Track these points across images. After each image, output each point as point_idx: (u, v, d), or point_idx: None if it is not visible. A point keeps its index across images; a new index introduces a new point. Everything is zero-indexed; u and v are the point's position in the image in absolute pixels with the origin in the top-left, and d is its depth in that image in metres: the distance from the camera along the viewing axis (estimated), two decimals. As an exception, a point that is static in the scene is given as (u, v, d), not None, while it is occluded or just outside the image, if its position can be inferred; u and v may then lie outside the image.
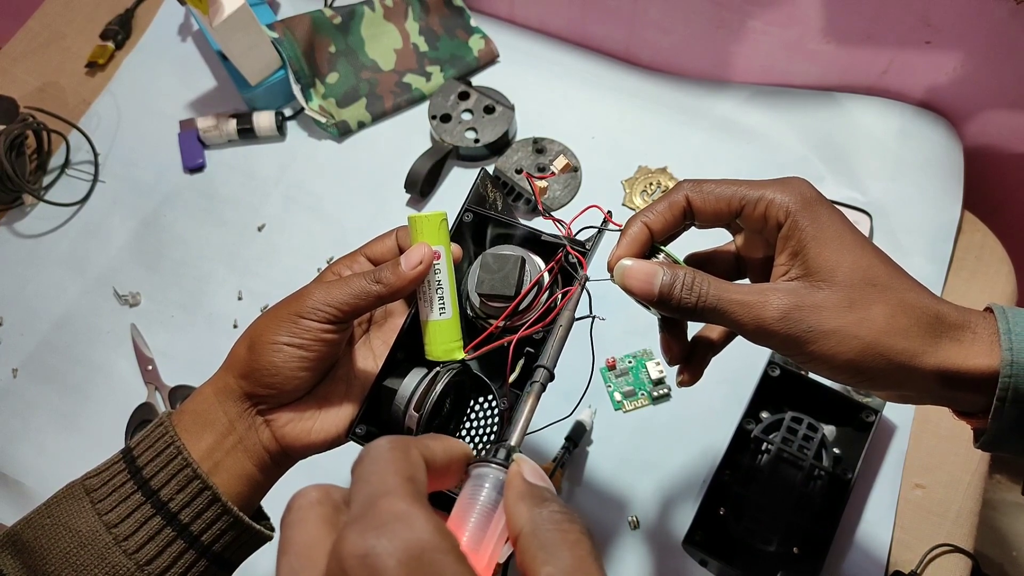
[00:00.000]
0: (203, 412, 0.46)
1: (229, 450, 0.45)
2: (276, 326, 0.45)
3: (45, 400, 0.79)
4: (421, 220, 0.46)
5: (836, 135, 0.84)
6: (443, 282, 0.47)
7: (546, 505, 0.30)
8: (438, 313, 0.47)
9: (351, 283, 0.45)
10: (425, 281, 0.46)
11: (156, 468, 0.43)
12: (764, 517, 0.63)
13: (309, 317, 0.44)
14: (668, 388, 0.73)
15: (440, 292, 0.47)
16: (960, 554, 0.66)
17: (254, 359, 0.45)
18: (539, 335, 0.46)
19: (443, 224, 0.46)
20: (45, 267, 0.87)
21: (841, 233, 0.41)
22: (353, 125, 0.91)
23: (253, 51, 0.87)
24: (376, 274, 0.45)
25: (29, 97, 0.96)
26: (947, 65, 0.79)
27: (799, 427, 0.67)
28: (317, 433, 0.47)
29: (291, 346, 0.44)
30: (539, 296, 0.47)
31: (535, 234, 0.49)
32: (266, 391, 0.46)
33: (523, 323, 0.46)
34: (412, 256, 0.45)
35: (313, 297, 0.45)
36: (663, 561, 0.67)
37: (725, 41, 0.86)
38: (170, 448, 0.44)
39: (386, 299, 0.45)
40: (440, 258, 0.46)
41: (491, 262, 0.47)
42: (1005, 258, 0.78)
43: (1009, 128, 0.82)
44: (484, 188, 0.52)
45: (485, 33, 0.95)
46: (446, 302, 0.46)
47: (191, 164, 0.90)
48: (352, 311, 0.45)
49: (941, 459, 0.69)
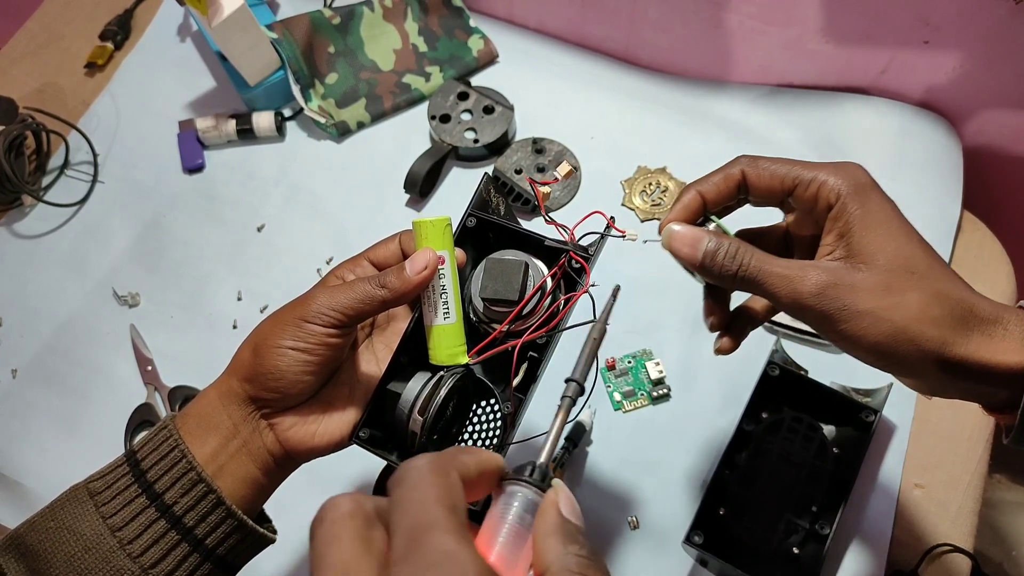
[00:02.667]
0: (207, 416, 0.46)
1: (233, 454, 0.46)
2: (280, 330, 0.45)
3: (45, 401, 0.79)
4: (426, 225, 0.46)
5: (835, 135, 0.84)
6: (447, 287, 0.47)
7: (575, 545, 0.29)
8: (442, 318, 0.47)
9: (356, 287, 0.45)
10: (429, 286, 0.46)
11: (160, 471, 0.43)
12: (764, 517, 0.63)
13: (314, 321, 0.45)
14: (668, 388, 0.73)
15: (444, 297, 0.47)
16: (960, 553, 0.66)
17: (258, 363, 0.45)
18: (542, 340, 0.47)
19: (447, 229, 0.47)
20: (44, 268, 0.87)
21: (888, 220, 0.42)
22: (352, 125, 0.91)
23: (252, 51, 0.87)
24: (381, 279, 0.45)
25: (28, 98, 0.96)
26: (946, 65, 0.79)
27: (799, 427, 0.67)
28: (321, 437, 0.47)
29: (295, 350, 0.45)
30: (542, 301, 0.48)
31: (538, 239, 0.49)
32: (270, 395, 0.46)
33: (526, 328, 0.47)
34: (417, 261, 0.45)
35: (317, 301, 0.45)
36: (663, 561, 0.67)
37: (724, 41, 0.86)
38: (174, 451, 0.44)
39: (391, 304, 0.45)
40: (444, 263, 0.46)
41: (494, 267, 0.47)
42: (1004, 258, 0.78)
43: (1008, 128, 0.82)
44: (487, 193, 0.52)
45: (484, 33, 0.95)
46: (450, 307, 0.47)
47: (190, 165, 0.90)
48: (357, 315, 0.45)
49: (940, 459, 0.70)
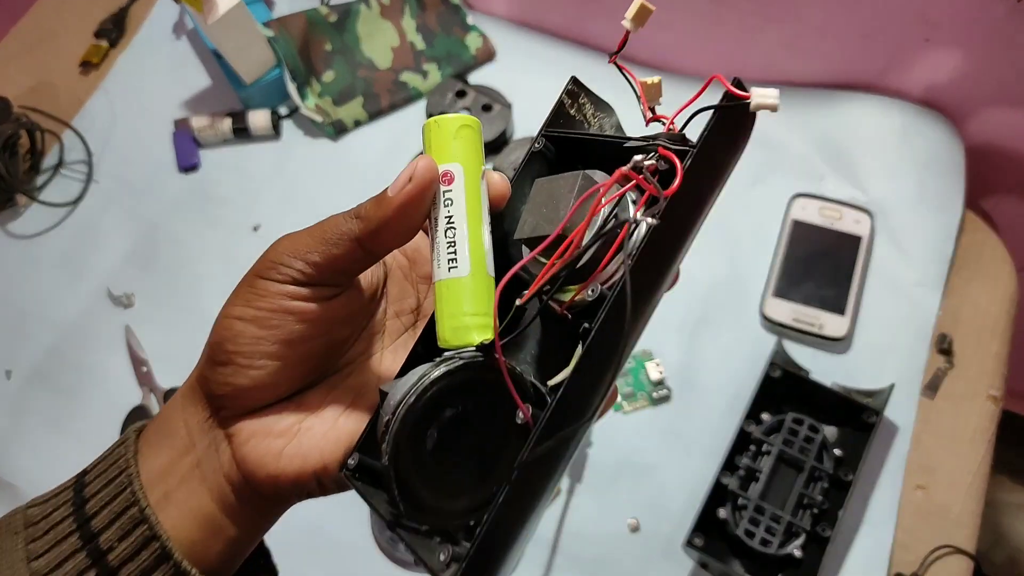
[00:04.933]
0: (167, 419, 0.35)
1: (184, 475, 0.33)
2: (233, 295, 0.33)
3: (39, 402, 0.79)
4: (432, 127, 0.32)
5: (836, 134, 0.83)
6: (456, 219, 0.31)
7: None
8: (447, 268, 0.31)
9: (323, 224, 0.33)
10: (431, 218, 0.32)
11: (102, 502, 0.33)
12: (765, 519, 0.63)
13: (268, 276, 0.32)
14: (668, 389, 0.73)
15: (451, 234, 0.31)
16: (962, 555, 0.65)
17: (208, 343, 0.34)
18: (592, 294, 0.29)
19: (463, 132, 0.32)
20: (39, 268, 0.86)
21: None
22: (349, 124, 0.90)
23: (248, 49, 0.86)
24: (356, 208, 0.32)
25: (23, 96, 0.95)
26: (947, 63, 0.79)
27: (800, 428, 0.66)
28: (290, 459, 0.33)
29: (243, 320, 0.32)
30: (605, 235, 0.29)
31: (618, 142, 0.32)
32: (220, 387, 0.33)
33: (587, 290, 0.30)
34: (402, 174, 0.31)
35: (275, 248, 0.33)
36: (663, 563, 0.66)
37: (724, 39, 0.85)
38: (121, 476, 0.33)
39: (368, 242, 0.31)
40: (453, 181, 0.31)
41: (539, 193, 0.32)
42: (1007, 257, 0.78)
43: (1010, 126, 0.81)
44: (570, 101, 0.37)
45: (482, 31, 0.94)
46: (460, 251, 0.31)
47: (186, 163, 0.90)
48: (326, 263, 0.32)
49: (942, 460, 0.69)
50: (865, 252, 0.77)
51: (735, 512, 0.64)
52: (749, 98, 0.29)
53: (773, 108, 0.29)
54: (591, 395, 0.29)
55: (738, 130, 0.31)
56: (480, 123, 0.33)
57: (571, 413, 0.28)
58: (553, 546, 0.68)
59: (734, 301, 0.77)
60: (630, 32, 0.31)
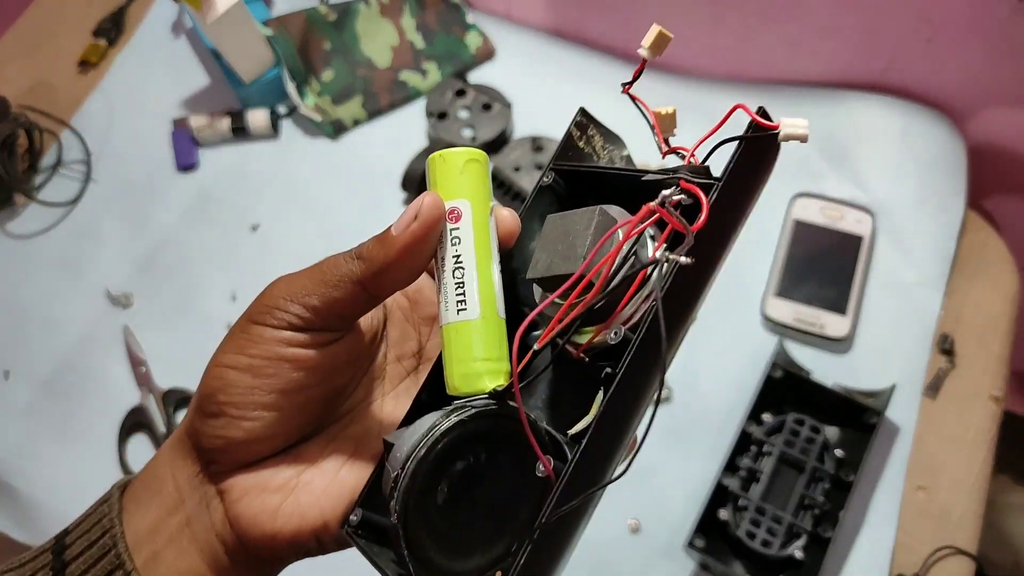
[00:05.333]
0: (153, 474, 0.32)
1: (174, 535, 0.31)
2: (226, 341, 0.31)
3: (37, 403, 0.78)
4: (436, 162, 0.30)
5: (838, 133, 0.83)
6: (464, 258, 0.29)
7: None
8: (455, 311, 0.29)
9: (322, 265, 0.30)
10: (437, 257, 0.30)
11: (83, 566, 0.30)
12: (766, 520, 0.63)
13: (263, 322, 0.30)
14: (669, 390, 0.73)
15: (460, 275, 0.29)
16: (963, 556, 0.65)
17: (198, 393, 0.31)
18: (614, 338, 0.27)
19: (470, 166, 0.30)
20: (37, 268, 0.86)
21: None
22: (349, 123, 0.90)
23: (247, 48, 0.86)
24: (359, 247, 0.30)
25: (21, 96, 0.95)
26: (949, 62, 0.79)
27: (801, 429, 0.66)
28: (287, 517, 0.30)
29: (236, 368, 0.30)
30: (628, 272, 0.28)
31: (636, 176, 0.30)
32: (211, 441, 0.30)
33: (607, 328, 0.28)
34: (406, 213, 0.29)
35: (271, 291, 0.30)
36: (665, 565, 0.66)
37: (725, 38, 0.85)
38: (105, 537, 0.31)
39: (373, 285, 0.30)
40: (460, 218, 0.29)
41: (553, 229, 0.30)
42: (1008, 257, 0.77)
43: (1012, 126, 0.81)
44: (578, 133, 0.35)
45: (482, 30, 0.94)
46: (469, 292, 0.29)
47: (184, 163, 0.89)
48: (326, 307, 0.30)
49: (944, 461, 0.69)
50: (867, 252, 0.76)
51: (736, 513, 0.64)
52: (778, 128, 0.27)
53: (803, 139, 0.27)
54: (616, 444, 0.27)
55: (763, 161, 0.29)
56: (487, 156, 0.31)
57: (595, 465, 0.27)
58: (553, 547, 0.68)
59: (735, 301, 0.77)
60: (647, 60, 0.30)
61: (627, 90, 0.30)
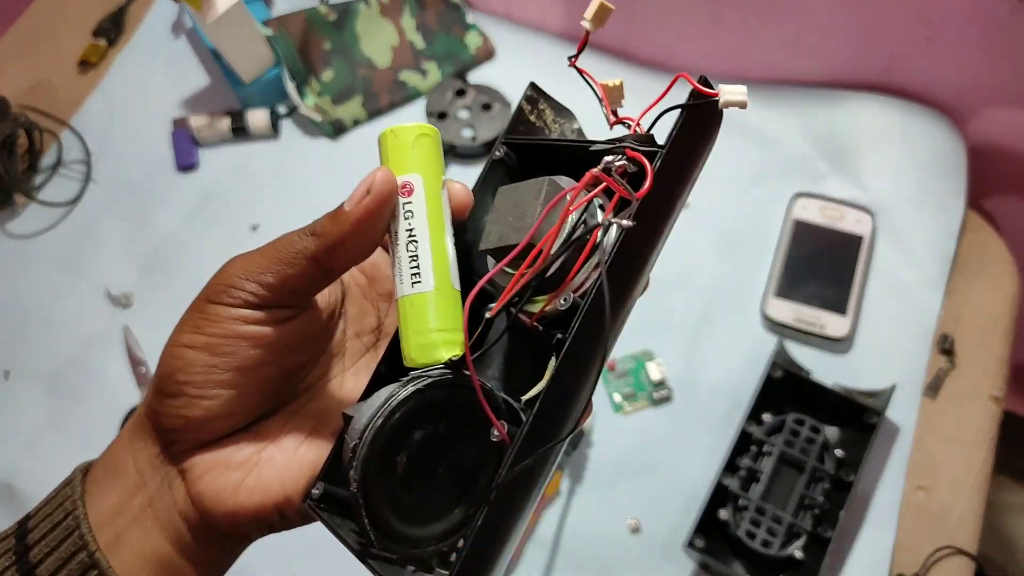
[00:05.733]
0: (113, 457, 0.32)
1: (136, 516, 0.31)
2: (183, 321, 0.31)
3: (37, 402, 0.78)
4: (388, 137, 0.31)
5: (837, 133, 0.83)
6: (417, 231, 0.30)
7: None
8: (410, 284, 0.30)
9: (277, 243, 0.31)
10: (391, 231, 0.30)
11: (47, 548, 0.30)
12: (766, 520, 0.63)
13: (219, 300, 0.30)
14: (669, 390, 0.73)
15: (413, 248, 0.30)
16: (963, 556, 0.65)
17: (156, 374, 0.31)
18: (564, 303, 0.28)
19: (421, 140, 0.30)
20: (37, 268, 0.86)
21: None
22: (348, 123, 0.90)
23: (247, 48, 0.86)
24: (312, 224, 0.30)
25: (21, 96, 0.95)
26: (949, 62, 0.79)
27: (801, 429, 0.66)
28: (250, 492, 0.31)
29: (193, 348, 0.30)
30: (575, 243, 0.28)
31: (584, 146, 0.31)
32: (171, 420, 0.31)
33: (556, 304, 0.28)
34: (359, 188, 0.30)
35: (226, 270, 0.31)
36: (664, 565, 0.66)
37: (724, 37, 0.85)
38: (68, 519, 0.31)
39: (326, 260, 0.30)
40: (413, 192, 0.30)
41: (504, 201, 0.30)
42: (1008, 257, 0.77)
43: (1011, 126, 0.81)
44: (529, 107, 0.36)
45: (482, 30, 0.94)
46: (423, 265, 0.29)
47: (184, 163, 0.89)
48: (281, 284, 0.30)
49: (944, 461, 0.69)
50: (866, 252, 0.76)
51: (736, 513, 0.64)
52: (717, 95, 0.28)
53: (742, 105, 0.28)
54: (569, 408, 0.28)
55: (706, 128, 0.30)
56: (439, 131, 0.31)
57: (548, 428, 0.27)
58: (553, 547, 0.68)
59: (735, 301, 0.77)
60: (590, 32, 0.31)
61: (573, 63, 0.32)
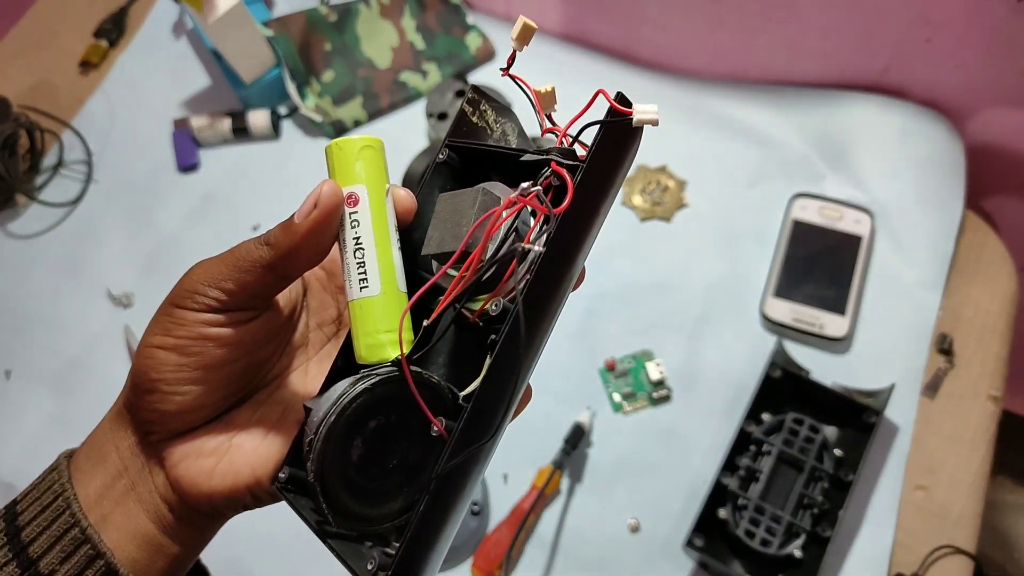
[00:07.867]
0: (95, 445, 0.35)
1: (119, 498, 0.34)
2: (153, 324, 0.34)
3: (38, 402, 0.78)
4: (333, 150, 0.33)
5: (837, 133, 0.83)
6: (364, 240, 0.32)
7: None
8: (359, 288, 0.32)
9: (235, 250, 0.33)
10: (340, 239, 0.33)
11: (39, 527, 0.33)
12: (765, 519, 0.63)
13: (184, 305, 0.33)
14: (668, 390, 0.73)
15: (360, 255, 0.32)
16: (962, 556, 0.65)
17: (131, 371, 0.34)
18: (495, 308, 0.30)
19: (365, 152, 0.33)
20: (38, 268, 0.86)
21: None
22: (349, 124, 0.90)
23: (248, 49, 0.86)
24: (266, 234, 0.33)
25: (22, 96, 0.95)
26: (948, 63, 0.79)
27: (800, 428, 0.66)
28: (222, 477, 0.34)
29: (163, 348, 0.33)
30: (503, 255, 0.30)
31: (516, 155, 0.33)
32: (147, 414, 0.34)
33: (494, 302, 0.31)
34: (307, 201, 0.32)
35: (189, 276, 0.33)
36: (663, 564, 0.66)
37: (724, 38, 0.85)
38: (58, 500, 0.33)
39: (279, 268, 0.32)
40: (358, 203, 0.32)
41: (444, 208, 0.33)
42: (1007, 257, 0.77)
43: (1010, 126, 0.81)
44: (471, 110, 0.36)
45: (482, 31, 0.94)
46: (370, 271, 0.32)
47: (185, 163, 0.90)
48: (239, 290, 0.32)
49: (943, 460, 0.69)
50: (865, 252, 0.76)
51: (735, 512, 0.64)
52: (631, 114, 0.29)
53: (654, 123, 0.30)
54: (504, 401, 0.30)
55: (624, 143, 0.31)
56: (383, 142, 0.33)
57: (484, 421, 0.30)
58: (553, 546, 0.68)
59: (734, 301, 0.77)
60: (516, 50, 0.32)
61: (505, 73, 0.33)
